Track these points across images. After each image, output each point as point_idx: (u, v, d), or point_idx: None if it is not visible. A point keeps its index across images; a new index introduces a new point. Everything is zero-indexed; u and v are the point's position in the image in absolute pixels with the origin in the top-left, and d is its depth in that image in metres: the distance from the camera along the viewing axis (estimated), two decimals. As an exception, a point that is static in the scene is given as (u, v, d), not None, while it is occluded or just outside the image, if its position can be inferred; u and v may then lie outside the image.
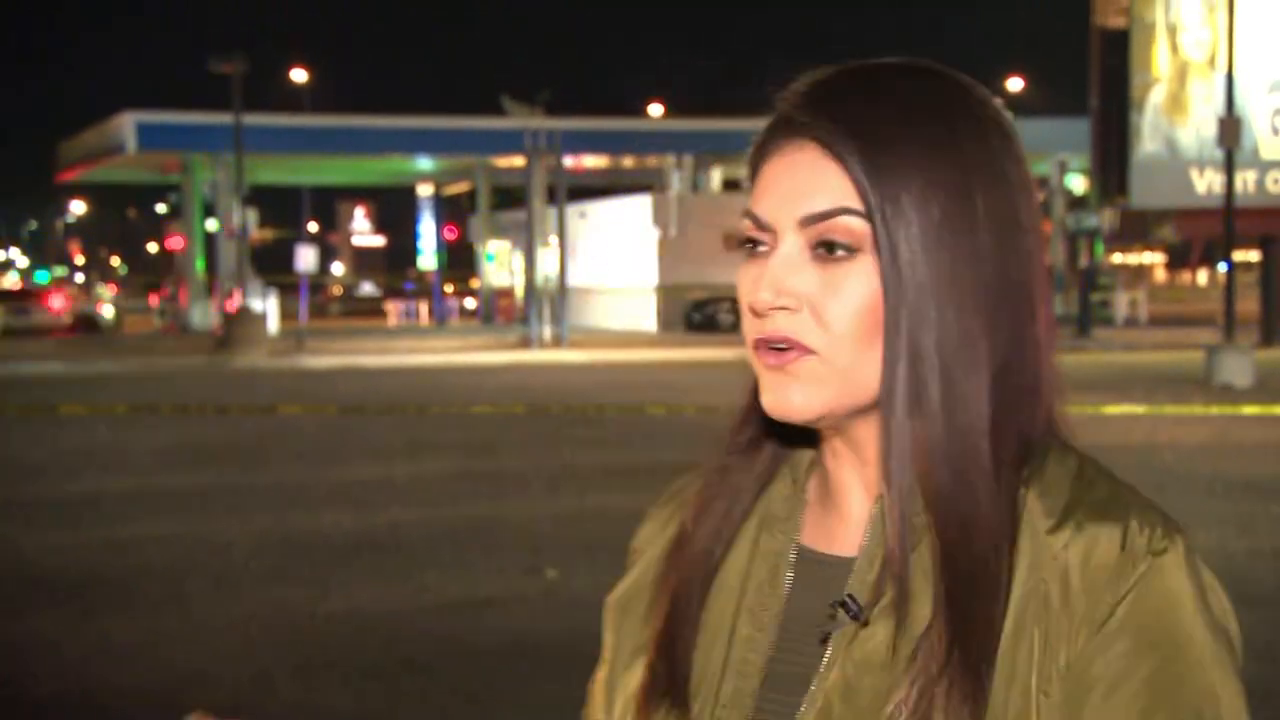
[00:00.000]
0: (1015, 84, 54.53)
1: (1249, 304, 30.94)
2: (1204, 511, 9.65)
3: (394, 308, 48.88)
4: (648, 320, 37.37)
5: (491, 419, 15.58)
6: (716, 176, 43.04)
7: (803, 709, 0.95)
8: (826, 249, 0.94)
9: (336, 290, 74.18)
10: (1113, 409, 15.68)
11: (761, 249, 0.98)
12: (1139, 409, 15.74)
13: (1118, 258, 65.25)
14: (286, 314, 36.87)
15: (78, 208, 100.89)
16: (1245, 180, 32.96)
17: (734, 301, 24.21)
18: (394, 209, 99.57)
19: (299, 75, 51.15)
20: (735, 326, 34.15)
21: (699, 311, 34.27)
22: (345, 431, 14.65)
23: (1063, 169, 44.34)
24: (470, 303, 50.52)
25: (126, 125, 37.71)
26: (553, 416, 15.74)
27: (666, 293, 36.86)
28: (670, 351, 28.27)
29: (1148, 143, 39.10)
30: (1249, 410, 15.81)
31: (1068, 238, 43.98)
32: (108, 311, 41.44)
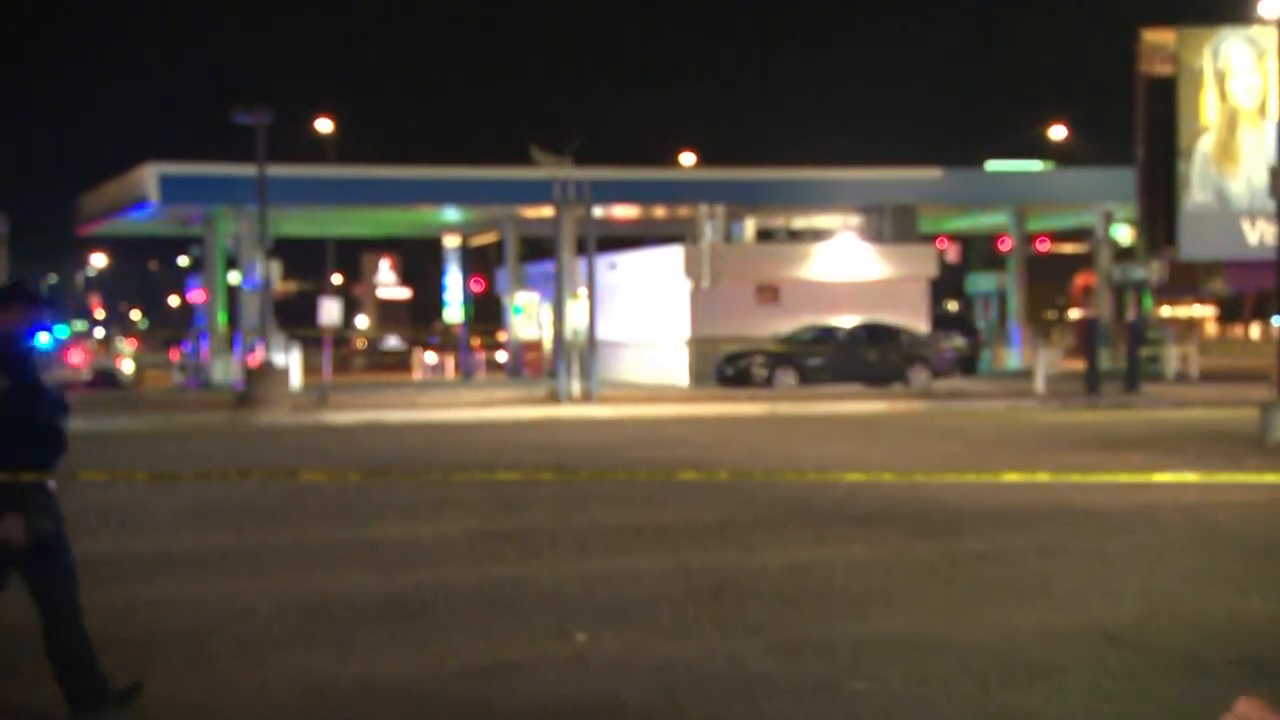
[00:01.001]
0: (1059, 132, 54.62)
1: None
2: (1261, 573, 9.54)
3: (420, 361, 49.07)
4: (679, 374, 37.38)
5: (517, 477, 15.60)
6: (750, 226, 43.17)
7: None
8: None
9: (361, 343, 74.52)
10: (1163, 477, 15.52)
11: None
12: (1191, 476, 15.58)
13: (1166, 311, 64.80)
14: (310, 368, 37.05)
15: (98, 261, 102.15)
16: (1298, 230, 32.78)
17: (768, 355, 24.17)
18: (420, 261, 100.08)
19: (324, 126, 51.78)
20: (769, 380, 34.39)
21: (732, 365, 34.27)
22: (367, 489, 14.71)
23: (1108, 219, 44.27)
24: (498, 356, 50.66)
25: (149, 177, 38.21)
26: (581, 475, 15.74)
27: (699, 345, 36.90)
28: (702, 406, 28.26)
29: (1196, 192, 38.93)
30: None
31: (1114, 290, 43.81)
32: (127, 366, 41.80)
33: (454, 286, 51.72)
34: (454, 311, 52.07)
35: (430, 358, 48.83)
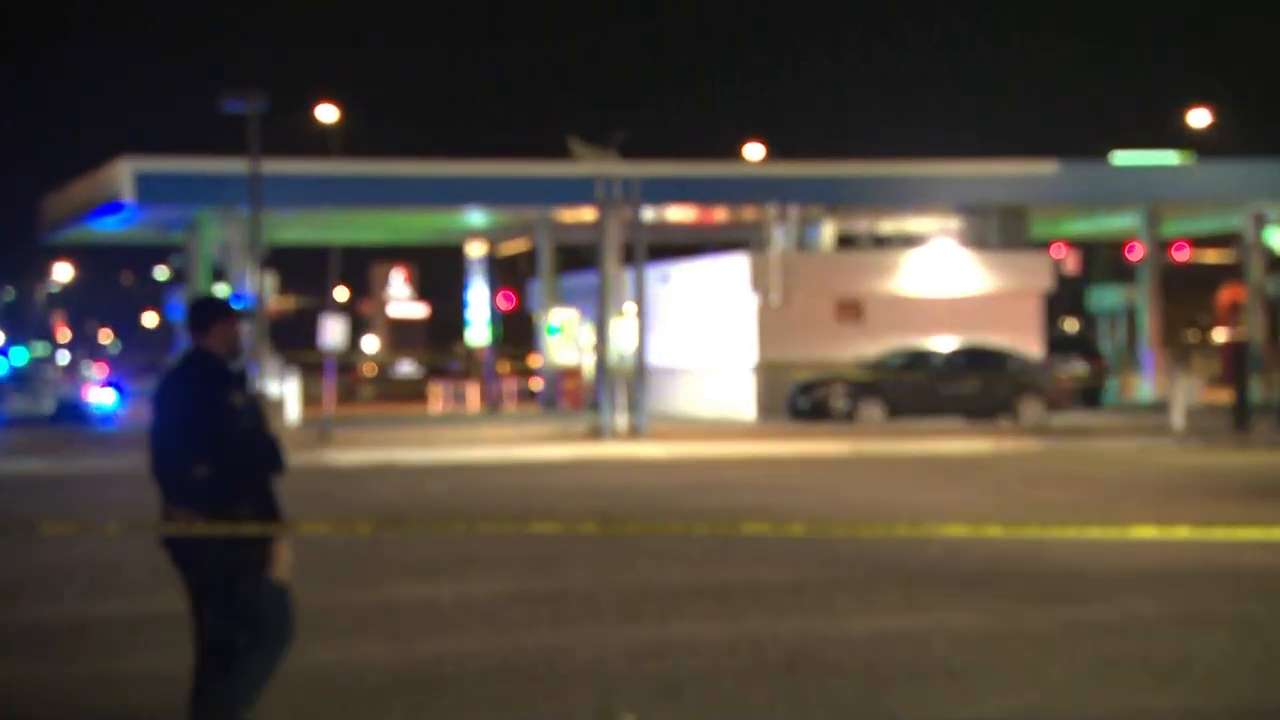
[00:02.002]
0: (1200, 117, 54.24)
1: None
2: None
3: (438, 391, 49.29)
4: (744, 406, 37.38)
5: (550, 527, 15.62)
6: (828, 231, 43.20)
7: None
8: None
9: (369, 370, 75.02)
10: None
11: None
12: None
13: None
14: (309, 399, 37.30)
15: (63, 273, 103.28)
16: None
17: (849, 383, 24.16)
18: (438, 273, 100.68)
19: (327, 114, 52.30)
20: (851, 413, 34.33)
21: (807, 395, 34.23)
22: (379, 542, 14.80)
23: (1260, 222, 43.89)
24: (530, 385, 50.80)
25: (123, 174, 38.70)
26: (629, 527, 15.76)
27: (767, 372, 36.89)
28: (771, 444, 28.21)
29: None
30: None
31: (1267, 306, 43.40)
32: (105, 396, 42.24)
33: (478, 303, 51.95)
34: (478, 332, 52.29)
35: (450, 387, 49.06)
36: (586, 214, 39.29)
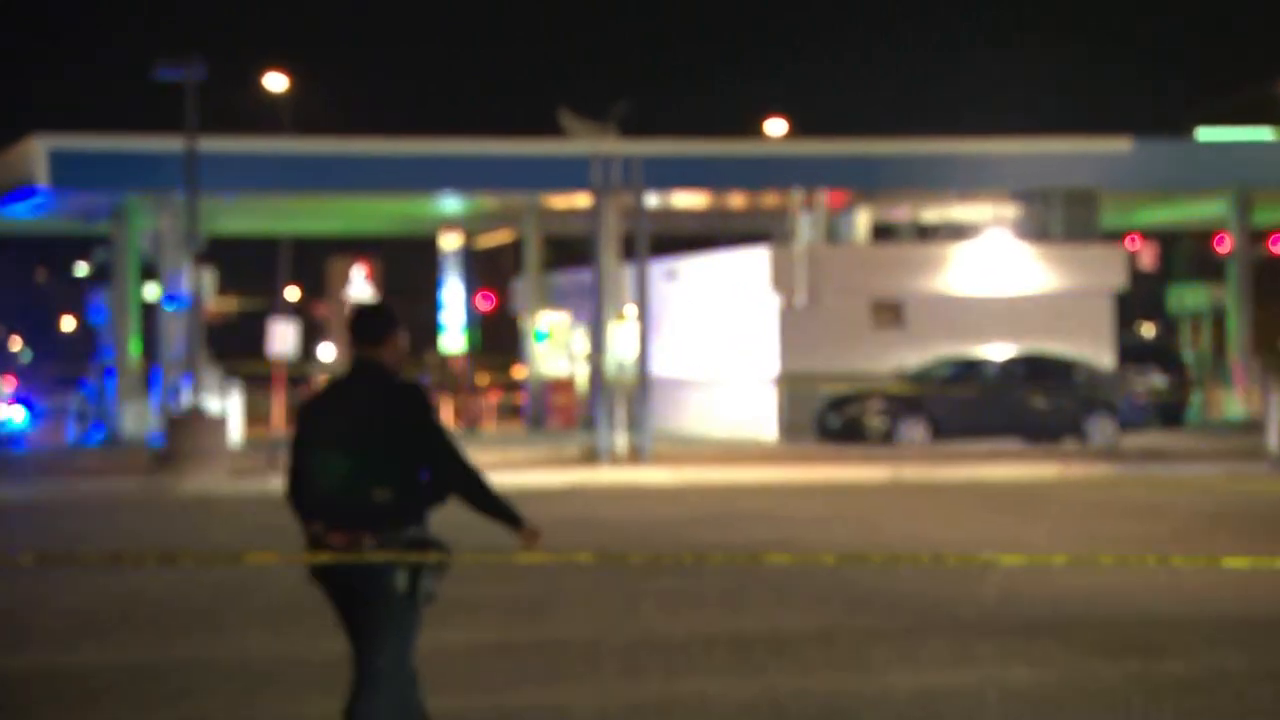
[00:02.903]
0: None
1: None
2: None
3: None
4: (764, 424, 37.34)
5: (544, 565, 15.61)
6: (863, 221, 43.20)
7: None
8: None
9: (325, 382, 75.02)
10: None
11: None
12: None
13: None
14: (256, 416, 37.28)
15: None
16: None
17: (888, 398, 24.20)
18: (406, 269, 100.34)
19: (276, 83, 52.35)
20: (890, 434, 34.27)
21: (838, 412, 34.18)
22: (337, 585, 14.76)
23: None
24: (515, 400, 50.74)
25: (36, 154, 38.68)
26: (631, 560, 15.75)
27: (792, 385, 36.87)
28: (796, 469, 28.20)
29: None
30: None
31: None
32: (15, 415, 42.28)
33: (453, 304, 51.99)
34: (453, 338, 52.31)
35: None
36: (580, 200, 39.25)
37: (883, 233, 44.43)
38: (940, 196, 42.88)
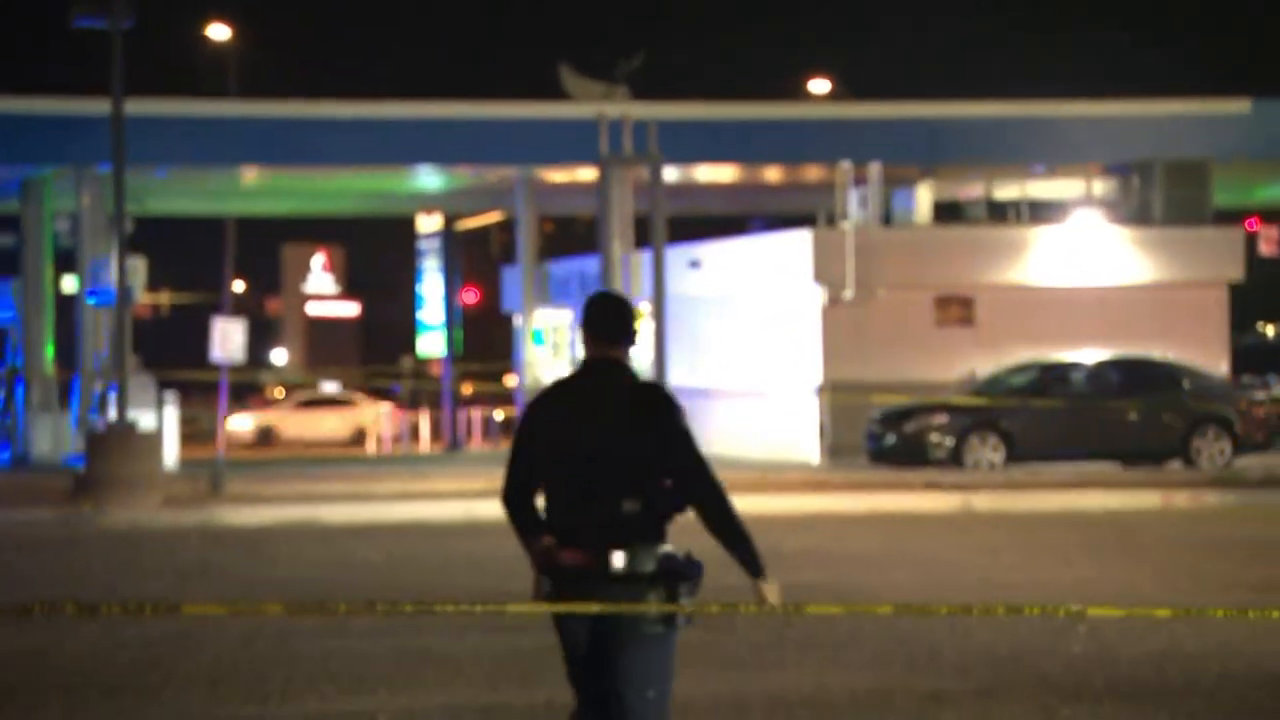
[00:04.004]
0: None
1: None
2: None
3: (376, 421, 49.23)
4: (805, 443, 37.28)
5: (536, 616, 15.53)
6: (924, 199, 43.13)
7: None
8: None
9: (278, 392, 75.10)
10: None
11: None
12: None
13: None
14: (195, 434, 37.30)
15: None
16: None
17: (954, 412, 24.19)
18: (376, 257, 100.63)
19: (219, 33, 52.36)
20: (957, 454, 34.12)
21: (894, 429, 34.08)
22: (291, 634, 14.77)
23: None
24: (504, 413, 50.76)
25: (-69, 120, 38.77)
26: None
27: (838, 396, 36.81)
28: (844, 498, 28.13)
29: None
30: None
31: None
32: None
33: (432, 299, 51.98)
34: (432, 341, 52.30)
35: (392, 416, 49.03)
36: (583, 173, 39.24)
37: (947, 213, 44.32)
38: (1018, 171, 42.82)
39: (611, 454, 7.73)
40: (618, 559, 7.70)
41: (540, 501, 7.92)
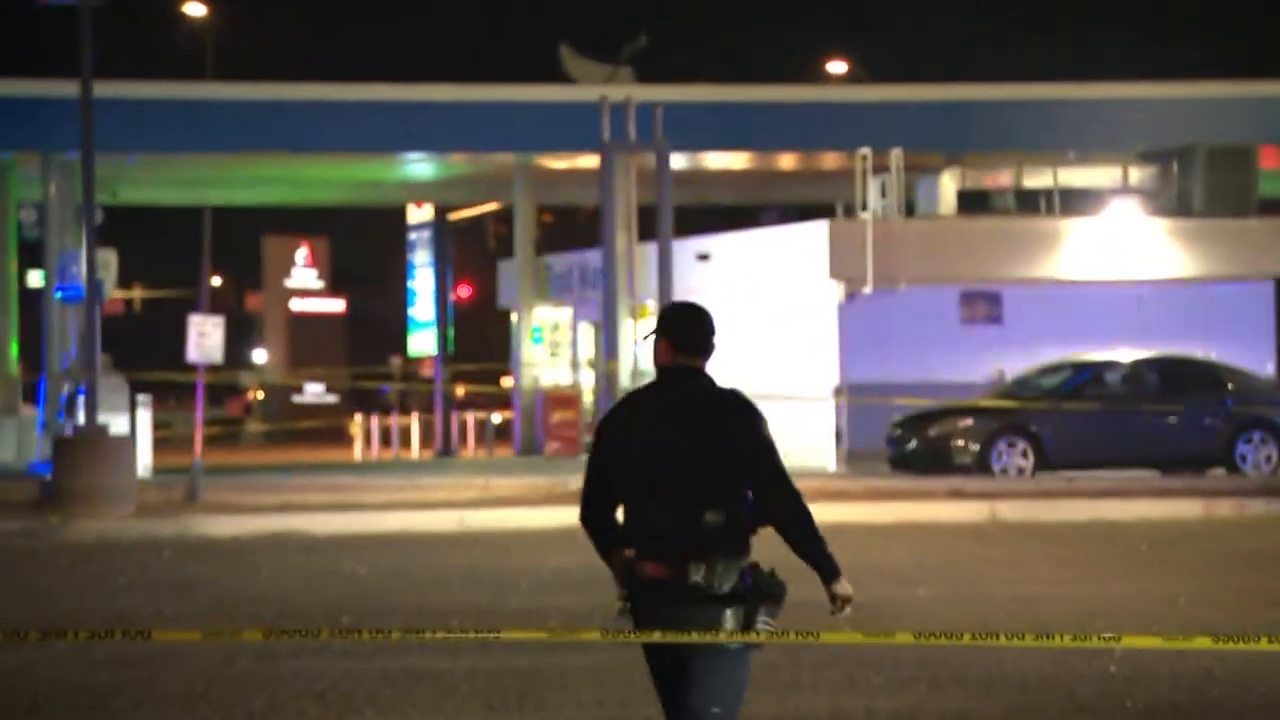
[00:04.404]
0: None
1: None
2: None
3: (362, 425, 49.23)
4: (820, 448, 37.23)
5: (540, 636, 15.55)
6: (948, 187, 43.05)
7: None
8: None
9: (258, 393, 75.21)
10: None
11: None
12: None
13: None
14: (168, 439, 37.29)
15: None
16: None
17: (983, 416, 24.33)
18: (364, 250, 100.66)
19: (196, 10, 52.39)
20: (984, 461, 33.99)
21: (915, 433, 34.02)
22: (272, 655, 14.77)
23: None
24: (502, 417, 50.74)
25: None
26: (652, 636, 15.67)
27: (855, 398, 36.80)
28: (862, 507, 28.10)
29: None
30: None
31: None
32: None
33: (423, 294, 52.00)
34: (423, 339, 52.32)
35: (381, 420, 49.01)
36: (585, 161, 39.23)
37: (974, 202, 44.26)
38: (1049, 157, 42.75)
39: (693, 464, 8.04)
40: (696, 572, 7.98)
41: (619, 514, 8.19)
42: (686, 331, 8.31)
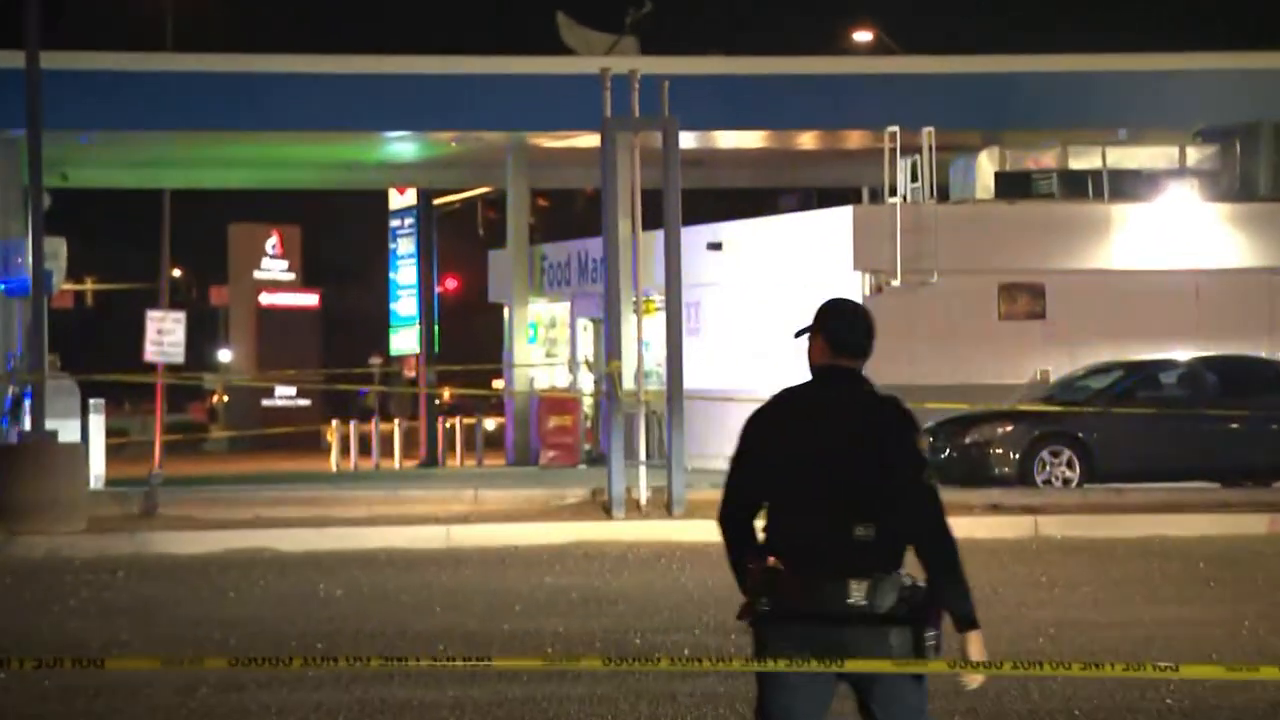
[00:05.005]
0: None
1: None
2: None
3: (338, 431, 49.23)
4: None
5: (534, 665, 15.52)
6: (987, 170, 43.05)
7: None
8: None
9: (224, 397, 75.22)
10: None
11: None
12: None
13: None
14: (122, 448, 37.28)
15: None
16: None
17: (1024, 422, 24.49)
18: (340, 239, 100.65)
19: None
20: (1025, 471, 33.84)
21: (950, 441, 33.97)
22: (238, 686, 14.74)
23: None
24: (492, 422, 50.76)
25: None
26: (660, 665, 15.67)
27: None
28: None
29: None
30: None
31: None
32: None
33: (406, 287, 52.00)
34: (405, 337, 52.32)
35: (358, 425, 49.01)
36: (583, 140, 39.21)
37: (1014, 186, 44.25)
38: (1097, 136, 42.78)
39: (849, 472, 8.27)
40: (856, 591, 8.20)
41: (760, 521, 8.32)
42: (846, 331, 8.58)
